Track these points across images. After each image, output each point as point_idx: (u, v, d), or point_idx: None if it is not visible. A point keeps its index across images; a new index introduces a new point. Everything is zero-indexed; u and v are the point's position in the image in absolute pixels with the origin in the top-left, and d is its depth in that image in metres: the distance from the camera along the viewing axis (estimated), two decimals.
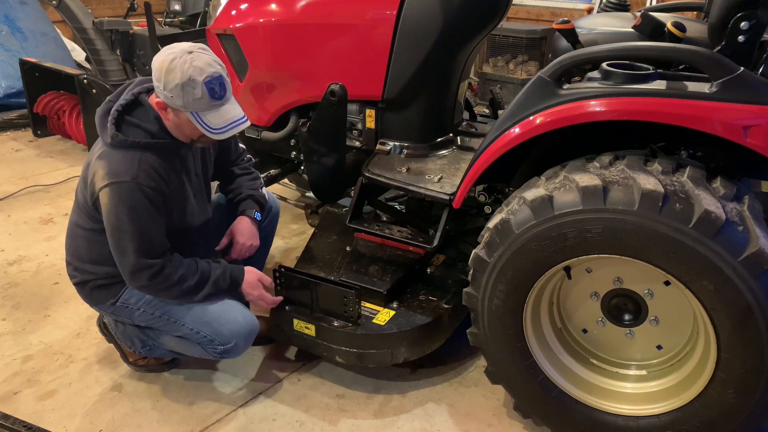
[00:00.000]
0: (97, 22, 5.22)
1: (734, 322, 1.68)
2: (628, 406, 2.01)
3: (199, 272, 2.16)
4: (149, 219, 2.04)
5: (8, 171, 4.50)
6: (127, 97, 2.09)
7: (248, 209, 2.45)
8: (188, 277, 2.13)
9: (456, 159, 2.67)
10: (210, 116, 2.00)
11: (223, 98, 2.01)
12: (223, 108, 2.02)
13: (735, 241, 1.63)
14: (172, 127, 2.09)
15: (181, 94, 1.94)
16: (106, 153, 2.06)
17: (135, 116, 2.08)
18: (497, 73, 5.67)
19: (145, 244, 2.05)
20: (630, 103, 1.79)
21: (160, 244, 2.10)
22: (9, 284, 3.12)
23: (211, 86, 1.96)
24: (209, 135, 2.02)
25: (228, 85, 2.03)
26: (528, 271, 1.92)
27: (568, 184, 1.83)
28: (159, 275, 2.08)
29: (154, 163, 2.05)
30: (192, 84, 1.93)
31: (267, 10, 2.71)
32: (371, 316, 2.37)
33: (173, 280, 2.11)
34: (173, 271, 2.11)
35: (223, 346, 2.21)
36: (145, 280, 2.08)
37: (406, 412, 2.33)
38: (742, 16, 1.79)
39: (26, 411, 2.31)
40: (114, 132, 2.02)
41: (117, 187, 2.00)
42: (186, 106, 1.97)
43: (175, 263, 2.12)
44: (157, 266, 2.08)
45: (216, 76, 1.97)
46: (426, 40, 2.50)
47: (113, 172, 2.01)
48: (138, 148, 2.04)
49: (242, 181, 2.51)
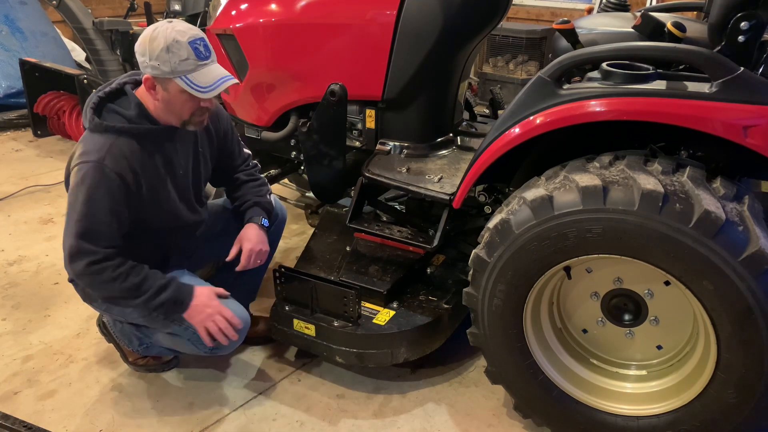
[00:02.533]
0: (97, 22, 5.22)
1: (734, 322, 1.68)
2: (628, 406, 2.01)
3: (143, 275, 2.06)
4: (103, 204, 1.99)
5: (8, 171, 4.50)
6: (113, 86, 2.11)
7: (255, 216, 2.40)
8: (130, 276, 2.03)
9: (456, 159, 2.67)
10: (197, 76, 1.98)
11: (209, 59, 2.01)
12: (209, 68, 2.01)
13: (735, 241, 1.63)
14: (162, 108, 2.06)
15: (168, 57, 1.94)
16: (85, 137, 2.07)
17: (117, 104, 2.09)
18: (497, 73, 5.66)
19: (92, 229, 2.00)
20: (630, 103, 1.79)
21: (108, 235, 2.03)
22: (9, 284, 3.12)
23: (196, 46, 1.96)
24: (198, 94, 1.98)
25: (211, 48, 2.03)
26: (528, 271, 1.92)
27: (568, 184, 1.83)
28: (97, 264, 2.00)
29: (128, 150, 2.03)
30: (177, 45, 1.94)
31: (267, 10, 2.71)
32: (371, 316, 2.37)
33: (111, 275, 2.02)
34: (115, 265, 2.02)
35: (213, 342, 2.18)
36: (83, 266, 2.00)
37: (406, 412, 2.33)
38: (742, 16, 1.79)
39: (26, 411, 2.31)
40: (92, 116, 2.03)
41: (82, 167, 1.99)
42: (174, 71, 1.96)
43: (120, 260, 2.04)
44: (99, 255, 2.00)
45: (199, 37, 1.99)
46: (426, 40, 2.50)
47: (84, 152, 2.01)
48: (113, 132, 2.03)
49: (248, 188, 2.47)
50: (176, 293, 2.09)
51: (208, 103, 2.08)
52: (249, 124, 2.99)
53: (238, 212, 2.47)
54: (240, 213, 2.45)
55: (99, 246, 2.01)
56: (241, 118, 3.02)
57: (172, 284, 2.09)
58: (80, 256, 2.00)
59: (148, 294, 2.05)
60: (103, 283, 2.04)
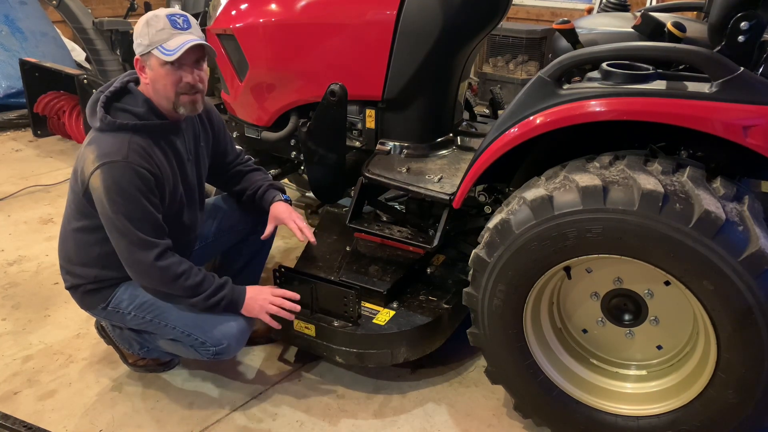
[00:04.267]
0: (97, 22, 5.22)
1: (734, 322, 1.68)
2: (628, 406, 2.01)
3: (202, 275, 2.10)
4: (144, 199, 1.99)
5: (8, 171, 4.50)
6: (116, 85, 2.10)
7: (276, 196, 2.45)
8: (191, 274, 2.07)
9: (456, 159, 2.67)
10: (170, 44, 1.97)
11: (185, 30, 1.99)
12: (184, 36, 1.98)
13: (735, 241, 1.63)
14: (152, 91, 2.06)
15: (146, 31, 1.95)
16: (96, 138, 2.05)
17: (123, 102, 2.08)
18: (497, 73, 5.66)
19: (145, 222, 2.00)
20: (630, 103, 1.79)
21: (161, 227, 2.04)
22: (9, 284, 3.12)
23: (173, 18, 1.97)
24: (165, 57, 1.95)
25: (195, 25, 2.02)
26: (528, 271, 1.92)
27: (568, 184, 1.83)
28: (164, 257, 2.02)
29: (145, 145, 2.03)
30: (155, 19, 1.96)
31: (267, 10, 2.71)
32: (371, 316, 2.37)
33: (176, 271, 2.03)
34: (177, 261, 2.04)
35: (214, 347, 2.17)
36: (151, 260, 1.99)
37: (406, 412, 2.33)
38: (742, 16, 1.79)
39: (26, 411, 2.31)
40: (103, 115, 2.02)
41: (108, 168, 1.97)
42: (151, 42, 1.96)
43: (179, 257, 2.07)
44: (162, 246, 2.02)
45: (181, 13, 1.99)
46: (426, 40, 2.50)
47: (103, 153, 1.99)
48: (127, 130, 2.02)
49: (254, 176, 2.51)
50: (231, 294, 2.15)
51: (190, 78, 2.03)
52: (249, 124, 2.99)
53: (253, 199, 2.48)
54: (257, 198, 2.47)
55: (158, 238, 2.03)
56: (241, 118, 3.02)
57: (227, 285, 2.14)
58: (147, 251, 2.00)
59: (206, 293, 2.09)
60: (168, 280, 2.05)
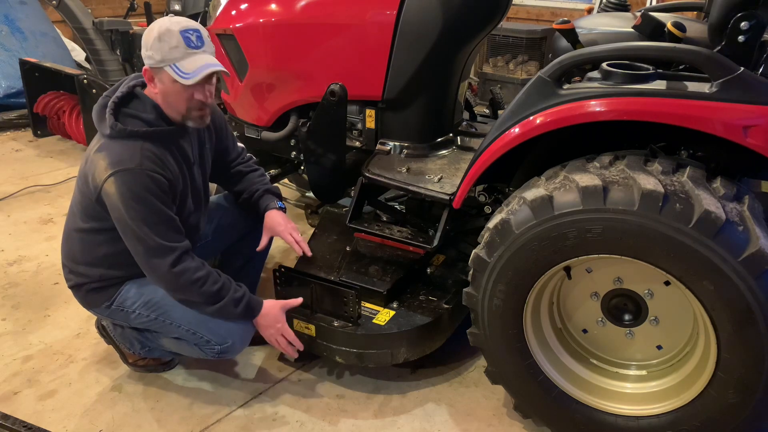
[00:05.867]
0: (97, 22, 5.22)
1: (734, 322, 1.68)
2: (628, 406, 2.01)
3: (220, 283, 2.10)
4: (160, 203, 2.01)
5: (8, 171, 4.50)
6: (123, 90, 2.09)
7: (271, 202, 2.47)
8: (208, 281, 2.07)
9: (456, 159, 2.67)
10: (185, 64, 1.96)
11: (200, 48, 1.99)
12: (198, 56, 1.98)
13: (735, 241, 1.63)
14: (162, 101, 2.06)
15: (159, 46, 1.94)
16: (106, 144, 2.04)
17: (132, 107, 2.07)
18: (497, 73, 5.66)
19: (162, 226, 2.01)
20: (630, 103, 1.79)
21: (178, 227, 2.05)
22: (9, 284, 3.12)
23: (187, 35, 1.96)
24: (181, 80, 1.95)
25: (207, 40, 2.01)
26: (528, 271, 1.92)
27: (568, 184, 1.83)
28: (181, 262, 2.02)
29: (156, 151, 2.03)
30: (168, 34, 1.94)
31: (267, 10, 2.71)
32: (371, 316, 2.37)
33: (192, 277, 2.04)
34: (194, 268, 2.04)
35: (219, 345, 2.19)
36: (167, 266, 2.00)
37: (406, 412, 2.33)
38: (742, 16, 1.79)
39: (26, 411, 2.31)
40: (113, 122, 2.01)
41: (122, 175, 1.97)
42: (164, 59, 1.95)
43: (199, 263, 2.07)
44: (179, 250, 2.02)
45: (193, 27, 1.98)
46: (426, 40, 2.50)
47: (116, 161, 1.99)
48: (137, 137, 2.02)
49: (253, 178, 2.52)
50: (248, 306, 2.16)
51: (202, 96, 2.04)
52: (249, 124, 2.99)
53: (249, 202, 2.50)
54: (252, 203, 2.49)
55: (176, 241, 2.04)
56: (241, 118, 3.02)
57: (245, 297, 2.15)
58: (164, 256, 2.01)
59: (223, 302, 2.10)
60: (184, 286, 2.06)
